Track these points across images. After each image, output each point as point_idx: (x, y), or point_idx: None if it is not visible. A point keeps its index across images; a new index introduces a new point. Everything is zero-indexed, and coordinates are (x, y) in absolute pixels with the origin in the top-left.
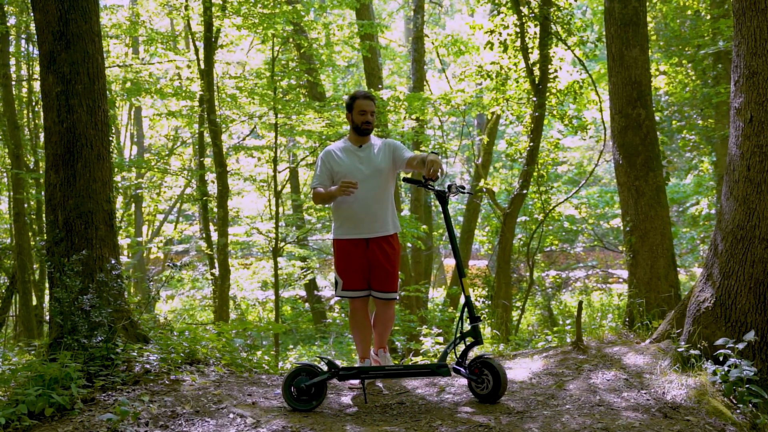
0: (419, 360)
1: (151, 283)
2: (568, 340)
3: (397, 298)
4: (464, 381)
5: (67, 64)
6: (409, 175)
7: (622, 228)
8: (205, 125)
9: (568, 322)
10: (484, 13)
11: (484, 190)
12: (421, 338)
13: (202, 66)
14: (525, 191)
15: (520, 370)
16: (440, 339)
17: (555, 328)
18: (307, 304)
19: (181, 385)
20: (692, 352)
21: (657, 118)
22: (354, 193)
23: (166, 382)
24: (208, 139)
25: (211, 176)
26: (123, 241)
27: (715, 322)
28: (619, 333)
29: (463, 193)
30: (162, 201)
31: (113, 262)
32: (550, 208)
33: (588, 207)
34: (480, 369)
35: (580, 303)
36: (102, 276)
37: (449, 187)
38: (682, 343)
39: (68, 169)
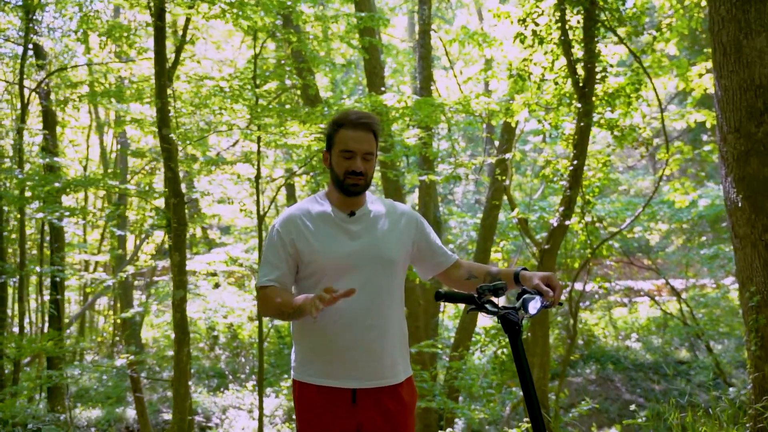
0: None
1: None
2: None
3: None
4: None
5: None
6: (443, 288)
7: (739, 299)
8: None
9: (593, 347)
10: (493, 1)
11: (516, 220)
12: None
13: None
14: (567, 222)
15: None
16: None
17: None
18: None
19: None
20: None
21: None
22: (337, 304)
23: None
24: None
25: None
26: (103, 257)
27: None
28: None
29: (546, 308)
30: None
31: None
32: (598, 242)
33: (611, 217)
34: None
35: None
36: None
37: (525, 303)
38: None
39: None
